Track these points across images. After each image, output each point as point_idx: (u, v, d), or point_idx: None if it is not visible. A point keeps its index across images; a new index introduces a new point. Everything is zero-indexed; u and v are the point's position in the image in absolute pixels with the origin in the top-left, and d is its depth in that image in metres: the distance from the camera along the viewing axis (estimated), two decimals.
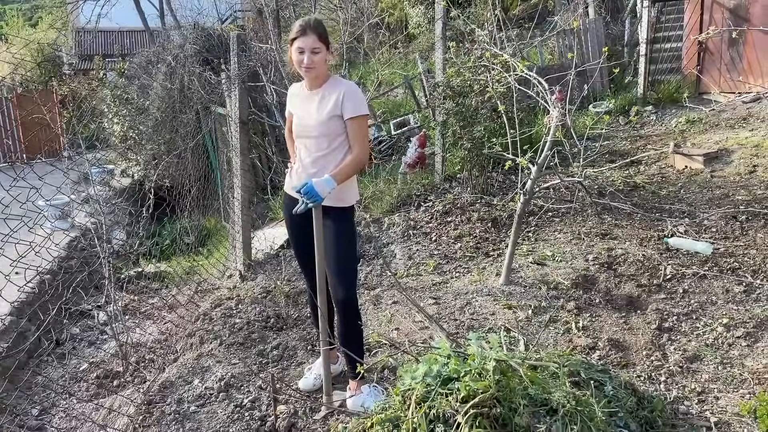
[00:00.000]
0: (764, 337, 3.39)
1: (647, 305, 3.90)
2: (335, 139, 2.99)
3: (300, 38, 2.86)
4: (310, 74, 2.94)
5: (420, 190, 6.52)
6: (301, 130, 3.04)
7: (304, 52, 2.86)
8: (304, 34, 2.85)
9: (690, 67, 9.56)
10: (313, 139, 3.01)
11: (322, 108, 2.97)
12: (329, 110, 2.95)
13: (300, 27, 2.87)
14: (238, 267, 4.89)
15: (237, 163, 4.62)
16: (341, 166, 2.95)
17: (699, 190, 5.84)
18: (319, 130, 2.97)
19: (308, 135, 3.02)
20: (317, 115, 2.97)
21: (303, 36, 2.85)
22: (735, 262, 4.30)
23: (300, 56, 2.88)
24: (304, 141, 3.04)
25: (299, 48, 2.87)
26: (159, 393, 3.23)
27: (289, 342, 3.71)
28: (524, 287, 4.19)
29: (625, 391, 2.70)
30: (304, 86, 3.06)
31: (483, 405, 2.09)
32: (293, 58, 2.93)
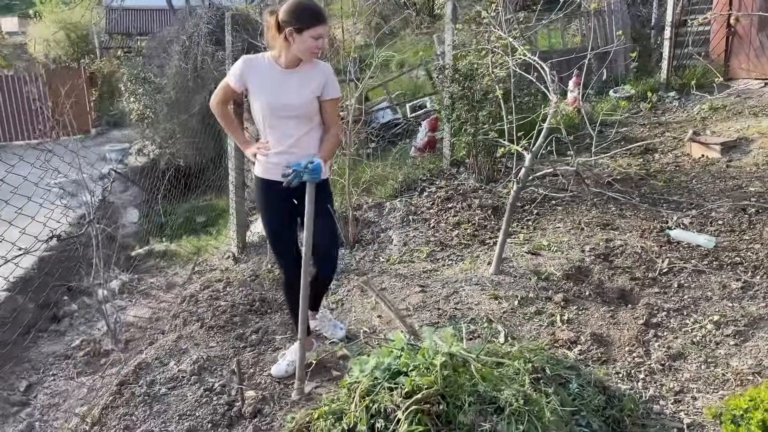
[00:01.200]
0: (754, 337, 3.26)
1: (639, 299, 3.78)
2: (313, 118, 3.05)
3: (320, 26, 2.87)
4: (314, 59, 2.98)
5: (426, 175, 6.44)
6: (280, 110, 2.99)
7: (321, 38, 2.89)
8: (324, 22, 2.88)
9: (718, 51, 9.21)
10: (295, 119, 3.00)
11: (304, 88, 2.97)
12: (312, 90, 2.98)
13: (320, 15, 2.89)
14: (232, 249, 4.90)
15: (231, 146, 4.60)
16: (327, 145, 3.05)
17: (711, 180, 5.63)
18: (303, 109, 2.99)
19: (290, 115, 3.00)
20: (299, 94, 2.96)
21: (323, 24, 2.88)
22: (737, 257, 4.13)
23: (316, 42, 2.89)
24: (284, 121, 3.01)
25: (319, 34, 2.88)
26: (134, 374, 3.26)
27: (270, 327, 3.70)
28: (514, 277, 4.10)
29: (593, 389, 2.62)
30: (274, 63, 2.98)
31: (426, 401, 2.04)
32: (304, 45, 2.88)
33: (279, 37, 2.91)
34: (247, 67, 3.01)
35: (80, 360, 3.97)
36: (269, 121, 3.02)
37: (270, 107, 3.00)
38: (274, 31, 2.93)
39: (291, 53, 2.93)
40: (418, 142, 7.56)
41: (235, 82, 3.03)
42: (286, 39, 2.89)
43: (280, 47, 2.94)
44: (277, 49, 2.96)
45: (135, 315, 4.57)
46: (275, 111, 3.00)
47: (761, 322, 3.38)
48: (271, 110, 3.00)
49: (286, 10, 2.88)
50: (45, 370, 3.98)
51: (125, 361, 3.55)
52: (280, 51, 2.95)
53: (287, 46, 2.92)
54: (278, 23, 2.89)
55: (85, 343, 4.21)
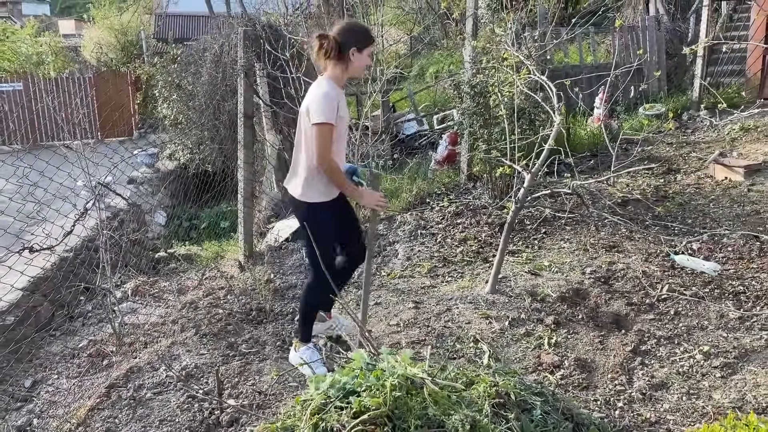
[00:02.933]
0: (742, 370, 3.18)
1: (633, 325, 3.73)
2: None
3: (373, 43, 3.14)
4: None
5: (441, 189, 6.47)
6: (345, 134, 3.25)
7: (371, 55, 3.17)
8: (375, 41, 3.14)
9: (754, 70, 8.98)
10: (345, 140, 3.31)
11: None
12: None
13: (372, 34, 3.16)
14: (239, 257, 5.02)
15: (240, 157, 4.73)
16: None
17: (730, 204, 5.51)
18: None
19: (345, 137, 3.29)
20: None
21: (374, 42, 3.14)
22: (740, 286, 4.04)
23: (369, 59, 3.15)
24: (344, 143, 3.26)
25: (372, 51, 3.16)
26: (124, 377, 3.38)
27: (261, 336, 3.78)
28: (509, 297, 4.09)
29: (559, 416, 2.61)
30: (336, 85, 3.12)
31: (373, 422, 2.07)
32: (361, 62, 3.11)
33: (333, 59, 3.06)
34: (336, 99, 3.04)
35: (84, 360, 4.14)
36: (341, 142, 3.17)
37: (345, 132, 3.22)
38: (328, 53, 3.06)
39: (348, 72, 3.13)
40: (439, 155, 7.59)
41: (334, 119, 3.01)
42: (342, 59, 3.06)
43: (338, 68, 3.09)
44: (335, 69, 3.10)
45: (144, 318, 4.71)
46: (345, 134, 3.24)
47: (752, 355, 3.30)
48: (345, 130, 3.23)
49: (345, 31, 3.09)
50: (51, 368, 4.15)
51: (118, 364, 3.68)
52: (341, 71, 3.11)
53: (345, 66, 3.09)
54: (336, 44, 3.04)
55: (91, 344, 4.37)
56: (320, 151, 3.00)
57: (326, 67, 3.13)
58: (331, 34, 3.08)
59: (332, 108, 2.99)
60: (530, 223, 5.26)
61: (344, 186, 3.12)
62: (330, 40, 3.04)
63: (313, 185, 3.15)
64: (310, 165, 3.11)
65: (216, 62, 8.85)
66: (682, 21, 11.26)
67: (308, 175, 3.14)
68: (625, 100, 8.82)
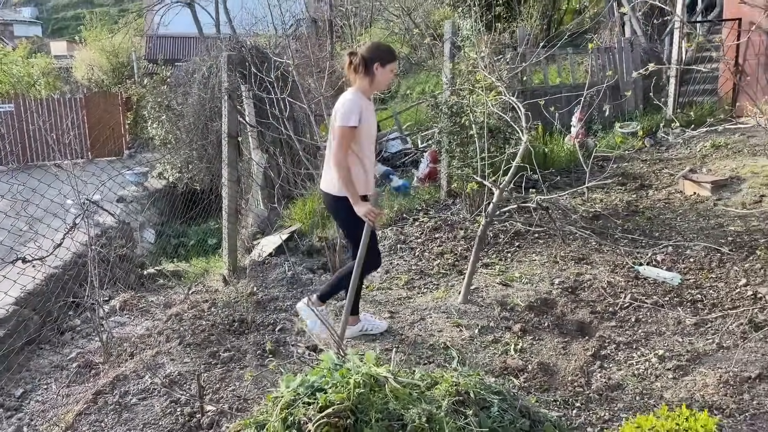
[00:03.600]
0: (693, 371, 3.39)
1: (595, 332, 3.94)
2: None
3: (396, 60, 3.57)
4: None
5: (422, 204, 6.68)
6: (371, 138, 3.62)
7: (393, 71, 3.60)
8: (397, 58, 3.54)
9: (725, 89, 9.30)
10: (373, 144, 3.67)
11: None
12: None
13: (395, 52, 3.56)
14: (222, 272, 5.20)
15: (225, 175, 4.93)
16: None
17: (696, 218, 5.75)
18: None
19: (372, 141, 3.64)
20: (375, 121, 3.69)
21: (396, 61, 3.55)
22: (698, 294, 4.26)
23: (391, 75, 3.59)
24: (370, 147, 3.63)
25: (394, 68, 3.58)
26: (110, 384, 3.55)
27: (242, 346, 3.96)
28: (480, 307, 4.29)
29: (516, 413, 2.80)
30: (362, 96, 3.55)
31: (337, 415, 2.26)
32: (384, 77, 3.55)
33: (360, 73, 3.51)
34: (359, 105, 3.48)
35: (73, 371, 4.29)
36: (367, 148, 3.59)
37: (371, 136, 3.60)
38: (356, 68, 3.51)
39: (373, 86, 3.55)
40: (420, 172, 7.83)
41: (356, 122, 3.45)
42: (368, 73, 3.49)
43: (365, 81, 3.53)
44: (362, 82, 3.53)
45: (131, 331, 4.88)
46: (371, 138, 3.62)
47: (704, 358, 3.51)
48: (370, 139, 3.61)
49: (371, 49, 3.55)
50: (40, 379, 4.29)
51: (105, 372, 3.84)
52: (367, 84, 3.54)
53: (371, 80, 3.52)
54: (363, 60, 3.47)
55: (79, 356, 4.52)
56: (336, 150, 3.45)
57: (354, 81, 3.58)
58: (360, 51, 3.53)
59: (354, 114, 3.43)
60: (503, 237, 5.48)
61: (348, 186, 3.47)
62: (358, 57, 3.50)
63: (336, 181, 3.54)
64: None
65: (204, 83, 9.10)
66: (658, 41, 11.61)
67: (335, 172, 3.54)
68: (600, 118, 9.10)
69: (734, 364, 3.40)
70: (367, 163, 3.62)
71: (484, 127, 4.81)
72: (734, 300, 4.14)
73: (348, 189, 3.48)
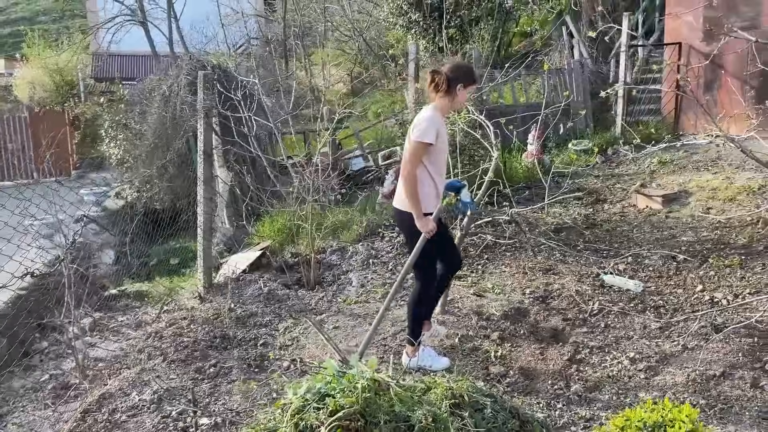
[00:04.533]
0: (663, 371, 3.62)
1: (569, 338, 4.14)
2: None
3: (475, 85, 3.67)
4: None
5: (389, 220, 6.82)
6: (445, 158, 3.69)
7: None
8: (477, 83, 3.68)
9: (668, 109, 9.85)
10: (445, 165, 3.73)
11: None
12: None
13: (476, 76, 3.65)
14: (198, 289, 5.20)
15: (200, 192, 4.96)
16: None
17: (650, 230, 6.08)
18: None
19: (445, 161, 3.72)
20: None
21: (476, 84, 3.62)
22: (660, 300, 4.54)
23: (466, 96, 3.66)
24: (443, 168, 3.66)
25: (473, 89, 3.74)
26: (97, 403, 3.52)
27: (228, 361, 3.99)
28: (458, 317, 4.44)
29: (507, 414, 2.95)
30: (439, 114, 3.59)
31: (347, 419, 2.35)
32: (463, 97, 3.62)
33: (441, 91, 3.54)
34: (438, 123, 3.52)
35: (49, 393, 4.21)
36: (440, 164, 3.60)
37: (441, 152, 3.59)
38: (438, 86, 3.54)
39: (452, 105, 3.62)
40: (385, 189, 7.98)
41: (433, 140, 3.45)
42: (449, 93, 3.53)
43: (445, 100, 3.57)
44: (442, 101, 3.57)
45: (104, 352, 4.81)
46: (445, 158, 3.67)
47: (671, 359, 3.75)
48: (444, 158, 3.65)
49: (455, 69, 3.58)
50: (15, 402, 4.20)
51: (90, 391, 3.80)
52: (447, 103, 3.58)
53: (451, 99, 3.57)
54: (447, 80, 3.50)
55: (53, 378, 4.44)
56: (406, 163, 3.49)
57: (434, 98, 3.61)
58: (443, 70, 3.57)
59: (432, 131, 3.45)
60: (473, 250, 5.67)
61: (413, 199, 3.47)
62: (442, 76, 3.53)
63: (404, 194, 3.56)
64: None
65: (165, 102, 9.05)
66: (604, 63, 12.18)
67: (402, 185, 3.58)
68: (554, 136, 9.49)
69: (699, 364, 3.65)
70: (439, 182, 3.60)
71: (456, 144, 4.99)
72: (693, 305, 4.43)
73: (413, 202, 3.46)
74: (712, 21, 8.86)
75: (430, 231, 3.48)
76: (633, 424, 2.40)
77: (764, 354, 3.71)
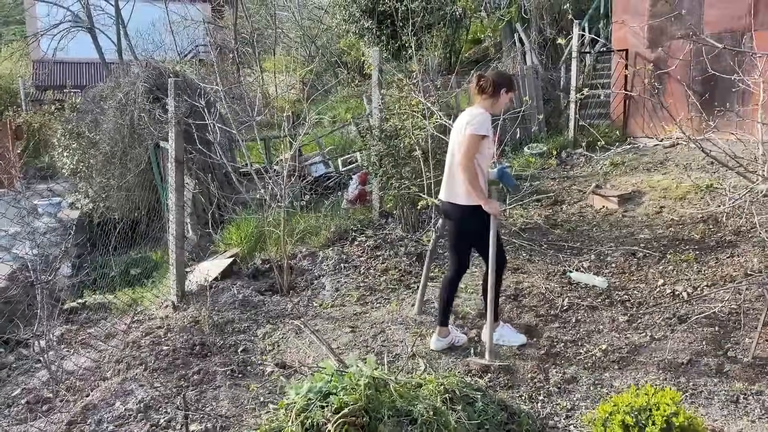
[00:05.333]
0: (635, 362, 3.82)
1: (543, 333, 4.30)
2: None
3: (514, 91, 3.99)
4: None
5: (357, 225, 6.89)
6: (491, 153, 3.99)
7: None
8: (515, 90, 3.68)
9: (617, 113, 10.25)
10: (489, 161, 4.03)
11: None
12: None
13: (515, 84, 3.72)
14: (171, 298, 5.16)
15: (171, 200, 4.93)
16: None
17: (609, 228, 6.35)
18: None
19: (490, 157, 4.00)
20: None
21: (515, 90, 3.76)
22: (625, 295, 4.76)
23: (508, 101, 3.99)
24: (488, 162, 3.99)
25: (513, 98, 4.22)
26: (81, 414, 3.47)
27: (211, 368, 3.98)
28: (435, 317, 4.54)
29: (496, 407, 3.07)
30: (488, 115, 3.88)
31: (352, 415, 2.43)
32: (504, 100, 3.95)
33: (486, 94, 3.87)
34: (489, 119, 3.86)
35: (23, 407, 4.11)
36: (487, 161, 3.95)
37: (491, 151, 3.94)
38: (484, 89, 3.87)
39: (494, 108, 3.91)
40: (350, 194, 8.06)
41: (487, 132, 3.81)
42: (495, 96, 3.87)
43: (488, 102, 3.89)
44: (485, 102, 3.89)
45: (75, 364, 4.72)
46: (491, 153, 3.96)
47: (641, 349, 3.95)
48: (490, 153, 3.94)
49: (500, 75, 4.00)
50: None
51: (73, 402, 3.74)
52: (490, 105, 3.90)
53: (494, 102, 3.90)
54: (494, 84, 3.84)
55: (25, 392, 4.33)
56: (463, 156, 3.77)
57: (478, 101, 3.94)
58: (489, 75, 3.93)
59: (486, 125, 3.81)
60: (443, 252, 5.79)
61: (476, 187, 3.77)
62: (489, 80, 3.88)
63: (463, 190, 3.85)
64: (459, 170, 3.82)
65: (121, 110, 8.88)
66: (554, 70, 12.59)
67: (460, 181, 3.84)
68: (511, 141, 9.75)
69: (667, 353, 3.86)
70: (484, 173, 3.93)
71: (428, 149, 5.11)
72: (656, 298, 4.66)
73: (476, 189, 3.76)
74: (655, 29, 9.31)
75: (497, 211, 3.85)
76: (621, 408, 2.55)
77: (726, 342, 3.95)
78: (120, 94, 9.03)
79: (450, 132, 5.32)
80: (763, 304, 4.10)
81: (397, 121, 6.09)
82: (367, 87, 17.81)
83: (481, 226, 3.87)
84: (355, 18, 13.76)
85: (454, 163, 3.91)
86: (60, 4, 16.26)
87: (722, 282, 4.80)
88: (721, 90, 8.14)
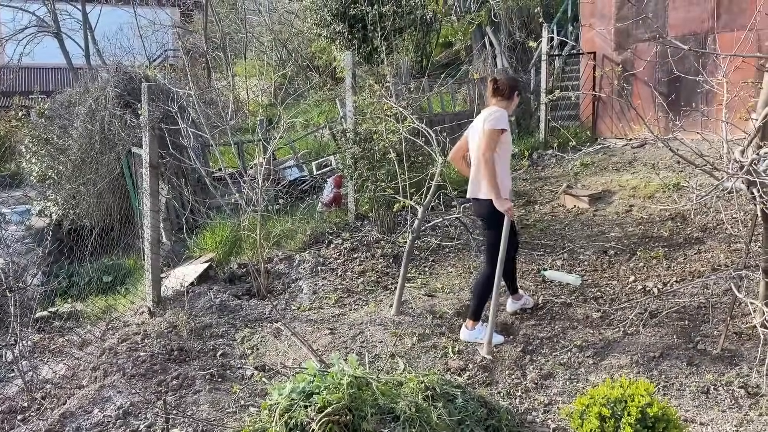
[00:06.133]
0: (609, 356, 3.91)
1: (519, 331, 4.38)
2: None
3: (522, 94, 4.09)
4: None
5: (333, 228, 6.91)
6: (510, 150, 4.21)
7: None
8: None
9: (586, 114, 10.45)
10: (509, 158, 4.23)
11: None
12: None
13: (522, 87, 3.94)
14: (147, 304, 5.12)
15: (146, 205, 4.89)
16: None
17: (581, 227, 6.47)
18: None
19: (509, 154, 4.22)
20: None
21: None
22: (598, 292, 4.86)
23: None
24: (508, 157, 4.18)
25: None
26: (59, 422, 3.43)
27: (189, 372, 3.97)
28: (413, 317, 4.60)
29: (476, 403, 3.12)
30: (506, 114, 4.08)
31: (336, 413, 2.45)
32: (516, 102, 4.22)
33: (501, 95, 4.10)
34: (507, 117, 4.05)
35: None
36: (507, 156, 4.14)
37: (509, 149, 4.16)
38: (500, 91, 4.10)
39: (508, 109, 4.11)
40: (325, 197, 8.07)
41: (506, 126, 3.99)
42: (510, 98, 4.12)
43: (502, 103, 4.11)
44: (500, 104, 4.10)
45: (50, 372, 4.65)
46: (510, 150, 4.19)
47: (614, 344, 4.05)
48: (509, 150, 4.17)
49: (513, 79, 4.31)
50: None
51: (50, 411, 3.69)
52: (504, 107, 4.09)
53: (508, 104, 4.13)
54: (509, 86, 4.09)
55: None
56: (485, 149, 3.95)
57: (493, 102, 4.15)
58: (503, 78, 4.15)
59: (504, 120, 4.00)
60: (420, 253, 5.86)
61: (492, 181, 3.93)
62: (504, 83, 4.11)
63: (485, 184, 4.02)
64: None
65: (91, 116, 8.77)
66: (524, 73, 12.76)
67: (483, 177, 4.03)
68: None
69: (640, 347, 3.96)
70: (506, 171, 4.11)
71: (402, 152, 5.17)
72: (628, 294, 4.77)
73: (492, 184, 3.93)
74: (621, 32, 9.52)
75: (509, 209, 3.96)
76: (597, 401, 2.62)
77: (696, 335, 4.07)
78: (89, 99, 8.91)
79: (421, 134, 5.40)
80: (730, 297, 4.23)
81: (371, 125, 6.12)
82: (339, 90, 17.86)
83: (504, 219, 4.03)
84: (326, 22, 13.77)
85: (479, 160, 4.05)
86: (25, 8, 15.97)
87: (691, 277, 4.93)
88: (686, 90, 8.36)
